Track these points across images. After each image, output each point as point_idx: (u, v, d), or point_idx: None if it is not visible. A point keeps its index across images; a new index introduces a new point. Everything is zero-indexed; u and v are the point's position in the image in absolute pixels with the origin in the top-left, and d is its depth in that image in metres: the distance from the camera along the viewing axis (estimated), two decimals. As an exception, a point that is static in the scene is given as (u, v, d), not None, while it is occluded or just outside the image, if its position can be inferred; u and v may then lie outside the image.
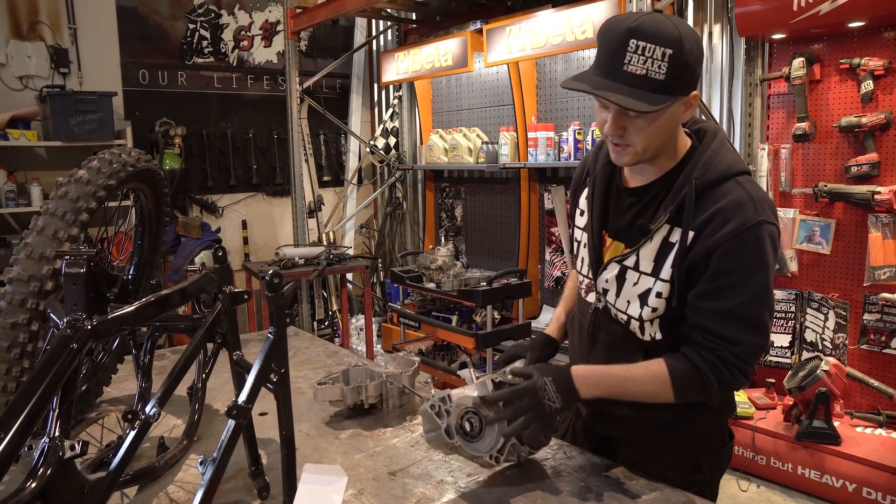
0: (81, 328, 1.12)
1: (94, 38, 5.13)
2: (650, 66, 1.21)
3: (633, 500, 1.36)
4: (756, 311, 1.31)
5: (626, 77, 1.23)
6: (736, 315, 1.30)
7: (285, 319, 1.30)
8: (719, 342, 1.32)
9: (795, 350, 3.64)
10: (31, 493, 1.01)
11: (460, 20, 5.19)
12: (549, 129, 4.53)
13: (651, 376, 1.37)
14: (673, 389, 1.35)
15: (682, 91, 1.27)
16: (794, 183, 3.61)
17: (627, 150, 1.33)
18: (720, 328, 1.31)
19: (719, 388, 1.33)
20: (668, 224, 1.35)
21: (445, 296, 4.14)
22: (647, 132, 1.30)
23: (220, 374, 2.02)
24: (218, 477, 1.13)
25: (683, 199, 1.32)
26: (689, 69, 1.25)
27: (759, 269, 1.29)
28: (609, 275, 1.44)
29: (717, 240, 1.28)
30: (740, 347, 1.31)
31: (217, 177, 5.77)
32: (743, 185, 1.32)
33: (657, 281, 1.37)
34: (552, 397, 1.36)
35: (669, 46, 1.21)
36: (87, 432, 1.72)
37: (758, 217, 1.28)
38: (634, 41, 1.22)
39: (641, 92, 1.23)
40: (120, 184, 1.60)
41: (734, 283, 1.29)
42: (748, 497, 3.25)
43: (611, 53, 1.25)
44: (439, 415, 1.39)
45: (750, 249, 1.28)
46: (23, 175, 4.74)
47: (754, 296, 1.30)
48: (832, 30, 3.31)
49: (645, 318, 1.40)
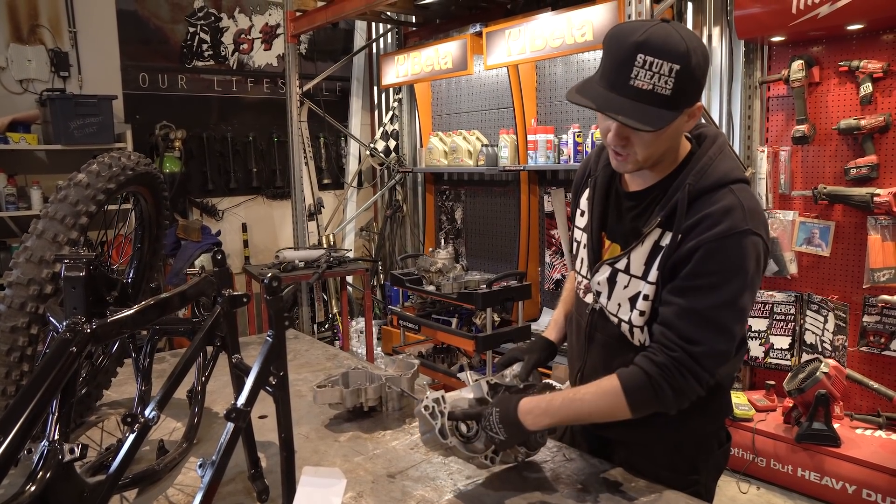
0: (81, 332, 1.12)
1: (94, 42, 5.14)
2: (657, 81, 1.21)
3: (630, 503, 1.36)
4: (725, 317, 1.29)
5: (632, 91, 1.23)
6: (703, 316, 1.28)
7: (284, 322, 1.31)
8: (677, 341, 1.29)
9: (795, 352, 3.64)
10: (31, 497, 1.01)
11: (460, 23, 5.20)
12: (548, 131, 4.53)
13: (603, 393, 1.34)
14: (627, 402, 1.31)
15: (687, 104, 1.27)
16: (794, 185, 3.61)
17: (629, 160, 1.34)
18: (683, 326, 1.29)
19: (673, 396, 1.29)
20: (660, 228, 1.35)
21: (445, 298, 4.14)
22: (650, 145, 1.30)
23: (220, 377, 2.02)
24: (217, 480, 1.13)
25: (675, 204, 1.32)
26: (695, 82, 1.25)
27: (737, 276, 1.27)
28: (601, 277, 1.45)
29: (701, 240, 1.28)
30: (700, 348, 1.28)
31: (217, 180, 5.78)
32: (737, 193, 1.31)
33: (645, 284, 1.37)
34: (495, 429, 1.36)
35: (677, 62, 1.21)
36: (86, 435, 1.73)
37: (745, 226, 1.27)
38: (642, 56, 1.21)
39: (647, 107, 1.22)
40: (119, 187, 1.61)
41: (709, 284, 1.28)
42: (748, 499, 3.25)
43: (617, 66, 1.24)
44: (433, 416, 1.39)
45: (731, 255, 1.27)
46: (23, 178, 4.75)
47: (726, 301, 1.28)
48: (831, 32, 3.32)
49: (634, 323, 1.40)
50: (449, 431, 1.39)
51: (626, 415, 1.33)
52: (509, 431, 1.36)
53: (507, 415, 1.36)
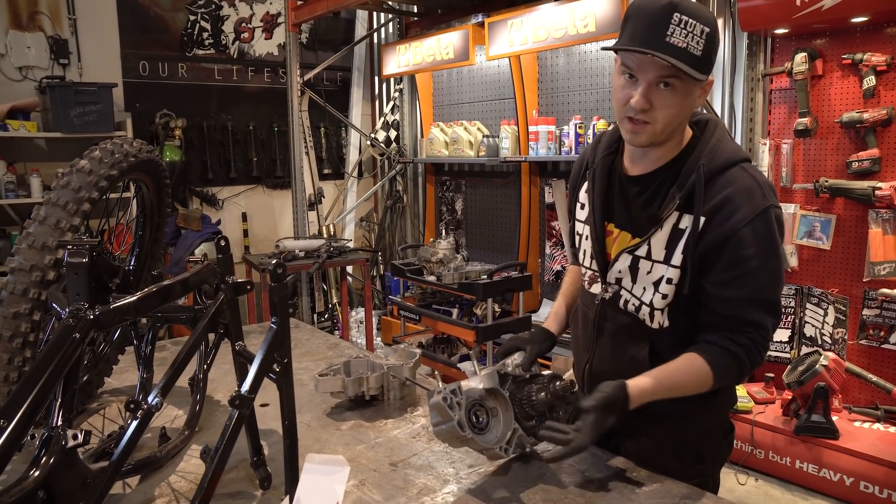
0: (84, 318, 1.11)
1: (94, 29, 5.11)
2: (690, 40, 1.25)
3: (635, 492, 1.36)
4: (773, 294, 1.37)
5: (668, 48, 1.24)
6: (756, 300, 1.35)
7: (288, 310, 1.30)
8: (748, 327, 1.36)
9: (795, 345, 3.64)
10: (34, 482, 1.02)
11: (462, 13, 5.18)
12: (550, 122, 4.52)
13: (693, 372, 1.37)
14: (714, 379, 1.37)
15: (708, 71, 1.31)
16: (795, 178, 3.61)
17: (647, 129, 1.33)
18: (746, 314, 1.35)
19: (750, 371, 1.40)
20: (678, 211, 1.36)
21: (446, 289, 4.14)
22: (673, 108, 1.31)
23: (221, 365, 2.03)
24: (221, 466, 1.13)
25: (693, 187, 1.34)
26: (716, 51, 1.30)
27: (772, 252, 1.34)
28: (622, 265, 1.45)
29: (731, 227, 1.31)
30: (764, 331, 1.37)
31: (217, 169, 5.76)
32: (748, 171, 1.37)
33: (668, 268, 1.38)
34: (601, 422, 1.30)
35: (708, 25, 1.26)
36: (88, 422, 1.72)
37: (766, 202, 1.33)
38: (678, 14, 1.24)
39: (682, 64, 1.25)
40: (122, 174, 1.60)
41: (752, 270, 1.33)
42: (746, 490, 3.26)
43: (651, 24, 1.26)
44: (451, 407, 1.37)
45: (763, 236, 1.32)
46: (22, 166, 4.73)
47: (772, 279, 1.35)
48: (835, 25, 3.30)
49: (656, 306, 1.42)
50: (466, 423, 1.36)
51: (707, 389, 1.39)
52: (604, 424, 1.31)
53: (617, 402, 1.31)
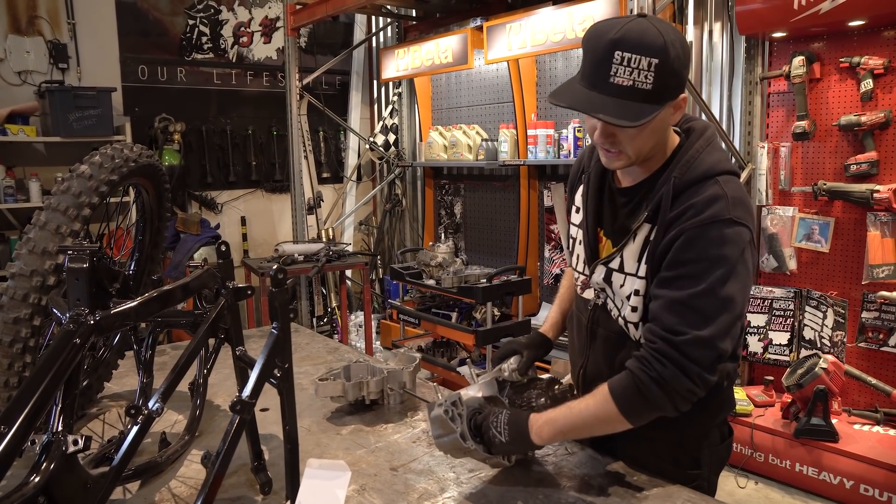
0: (84, 323, 1.11)
1: (93, 34, 5.11)
2: (636, 76, 1.20)
3: (633, 496, 1.36)
4: (708, 305, 1.23)
5: (613, 89, 1.21)
6: (684, 305, 1.24)
7: (289, 315, 1.30)
8: (659, 332, 1.26)
9: (794, 348, 3.65)
10: (35, 488, 1.01)
11: (460, 17, 5.18)
12: (548, 126, 4.53)
13: (595, 402, 1.31)
14: (617, 407, 1.27)
15: (670, 97, 1.26)
16: (794, 181, 3.61)
17: (620, 156, 1.33)
18: (665, 317, 1.26)
19: (659, 391, 1.24)
20: (648, 223, 1.35)
21: (445, 292, 4.14)
22: (636, 140, 1.29)
23: (221, 370, 2.03)
24: (222, 471, 1.13)
25: (661, 198, 1.32)
26: (675, 75, 1.23)
27: (719, 264, 1.24)
28: (598, 277, 1.45)
29: (682, 229, 1.27)
30: (681, 338, 1.23)
31: (216, 173, 5.76)
32: (722, 184, 1.29)
33: (636, 279, 1.36)
34: (501, 429, 1.32)
35: (655, 56, 1.19)
36: (88, 427, 1.72)
37: (727, 215, 1.25)
38: (619, 53, 1.20)
39: (629, 103, 1.21)
40: (122, 179, 1.60)
41: (689, 273, 1.25)
42: (746, 494, 3.26)
43: (596, 64, 1.23)
44: (453, 419, 1.36)
45: (711, 243, 1.25)
46: (21, 171, 4.73)
47: (707, 289, 1.23)
48: (832, 28, 3.32)
49: (628, 319, 1.40)
50: (469, 434, 1.35)
51: (623, 423, 1.29)
52: (513, 438, 1.32)
53: (518, 422, 1.32)
